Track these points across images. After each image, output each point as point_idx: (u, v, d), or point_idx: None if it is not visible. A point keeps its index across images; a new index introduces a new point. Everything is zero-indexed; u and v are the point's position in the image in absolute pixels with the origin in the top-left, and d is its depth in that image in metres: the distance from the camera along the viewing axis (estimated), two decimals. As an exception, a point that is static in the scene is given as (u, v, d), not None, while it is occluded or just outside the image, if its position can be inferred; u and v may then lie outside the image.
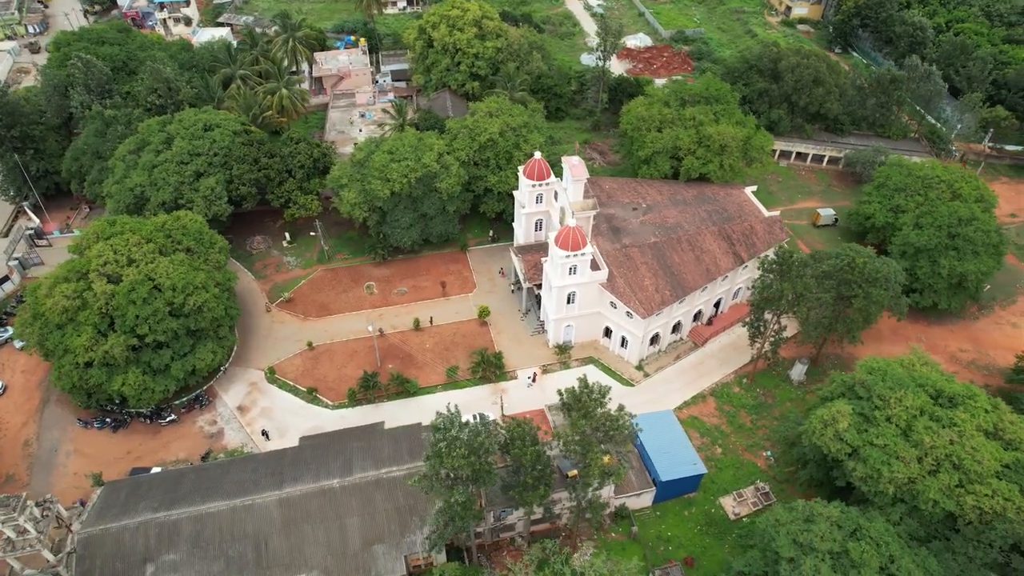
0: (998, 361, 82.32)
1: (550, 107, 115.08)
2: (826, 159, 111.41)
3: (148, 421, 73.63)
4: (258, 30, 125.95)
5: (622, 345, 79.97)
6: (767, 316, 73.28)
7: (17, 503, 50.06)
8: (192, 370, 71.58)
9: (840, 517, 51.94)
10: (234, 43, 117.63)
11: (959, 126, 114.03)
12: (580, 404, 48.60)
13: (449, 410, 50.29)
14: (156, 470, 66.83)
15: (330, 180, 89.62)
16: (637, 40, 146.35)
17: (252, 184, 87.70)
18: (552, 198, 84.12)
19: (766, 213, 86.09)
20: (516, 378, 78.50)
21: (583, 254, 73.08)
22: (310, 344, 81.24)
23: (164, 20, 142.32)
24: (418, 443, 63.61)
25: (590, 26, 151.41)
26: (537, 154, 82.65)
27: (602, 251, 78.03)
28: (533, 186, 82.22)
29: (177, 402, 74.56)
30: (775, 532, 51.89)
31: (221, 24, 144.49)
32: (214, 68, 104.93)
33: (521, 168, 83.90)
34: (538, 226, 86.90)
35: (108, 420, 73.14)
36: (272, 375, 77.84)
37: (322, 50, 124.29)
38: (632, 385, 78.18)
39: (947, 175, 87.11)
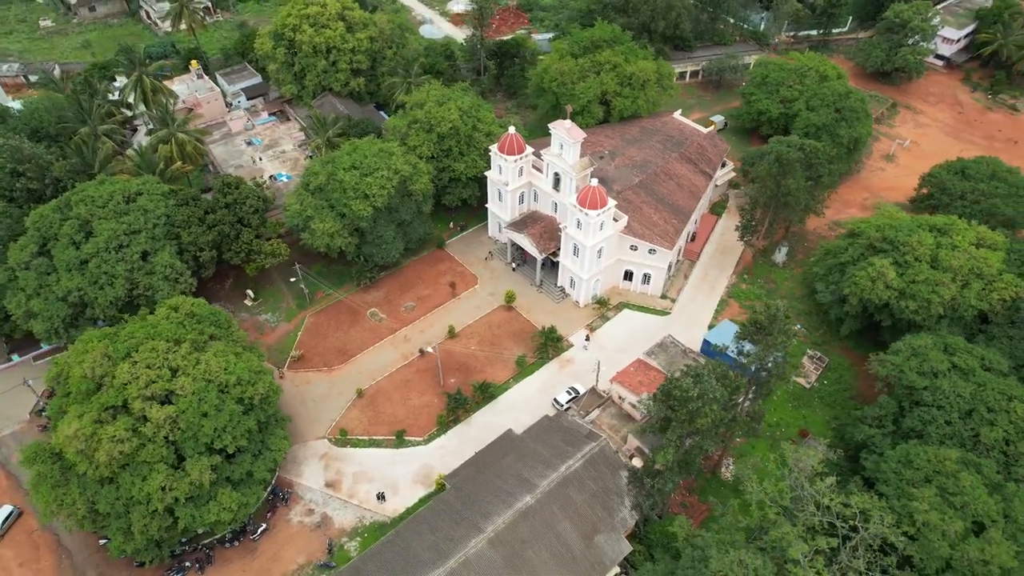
0: (888, 198, 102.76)
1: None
2: (688, 74, 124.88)
3: (235, 543, 62.61)
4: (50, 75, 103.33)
5: (644, 282, 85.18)
6: (758, 214, 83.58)
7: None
8: (273, 466, 62.10)
9: (933, 344, 63.93)
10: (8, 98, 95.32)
11: (763, 24, 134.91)
12: (777, 324, 53.07)
13: (673, 375, 51.60)
14: (293, 585, 58.13)
15: (290, 216, 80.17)
16: (460, 5, 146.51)
17: (210, 246, 75.10)
18: (530, 169, 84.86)
19: (704, 130, 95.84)
20: (572, 345, 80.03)
21: (610, 209, 76.01)
22: (360, 392, 74.17)
23: None
24: (567, 433, 63.60)
25: (410, 1, 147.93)
26: (511, 128, 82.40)
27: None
28: (516, 160, 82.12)
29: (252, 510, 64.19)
30: (900, 373, 62.26)
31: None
32: (61, 132, 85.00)
33: (494, 147, 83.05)
34: (520, 199, 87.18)
35: (188, 563, 60.79)
36: (344, 436, 70.17)
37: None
38: (668, 313, 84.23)
39: (812, 62, 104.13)
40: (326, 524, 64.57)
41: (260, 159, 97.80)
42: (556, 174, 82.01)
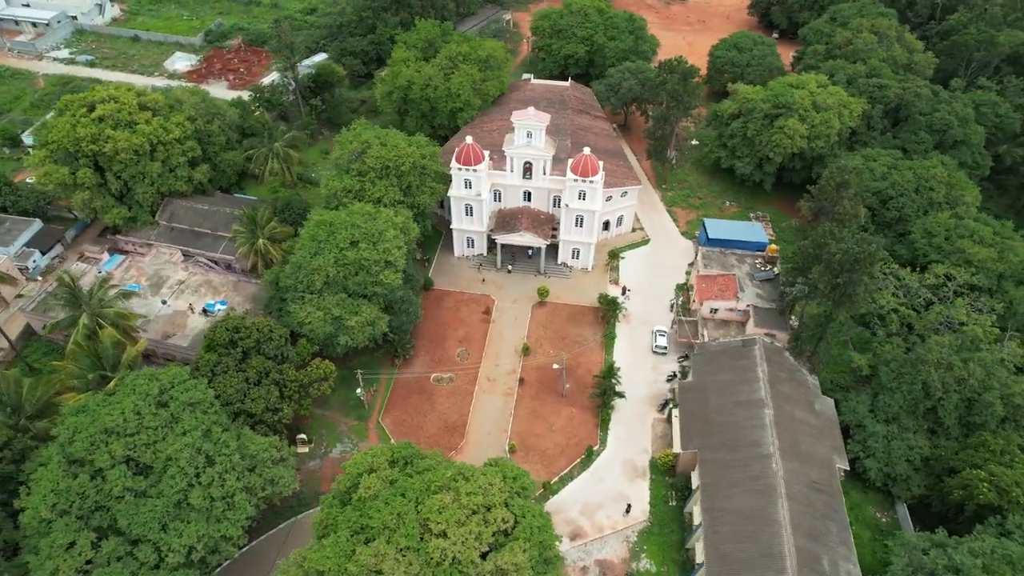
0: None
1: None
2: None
3: (556, 647, 56.43)
4: None
5: (618, 225, 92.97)
6: (667, 129, 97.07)
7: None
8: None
9: (863, 158, 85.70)
10: None
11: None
12: (851, 177, 66.40)
13: (832, 247, 61.43)
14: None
15: (316, 327, 67.46)
16: (182, 62, 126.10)
17: (280, 400, 60.10)
18: (489, 170, 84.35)
19: (566, 84, 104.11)
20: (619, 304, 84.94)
21: (603, 172, 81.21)
22: (512, 447, 69.40)
23: None
24: (726, 353, 71.04)
25: (118, 76, 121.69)
26: (469, 139, 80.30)
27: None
28: (485, 167, 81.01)
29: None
30: (867, 184, 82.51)
31: None
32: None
33: (454, 163, 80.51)
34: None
35: None
36: (548, 487, 66.02)
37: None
38: (648, 240, 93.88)
39: (584, 1, 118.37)
40: (606, 568, 61.84)
41: (165, 302, 76.58)
42: (526, 163, 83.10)
